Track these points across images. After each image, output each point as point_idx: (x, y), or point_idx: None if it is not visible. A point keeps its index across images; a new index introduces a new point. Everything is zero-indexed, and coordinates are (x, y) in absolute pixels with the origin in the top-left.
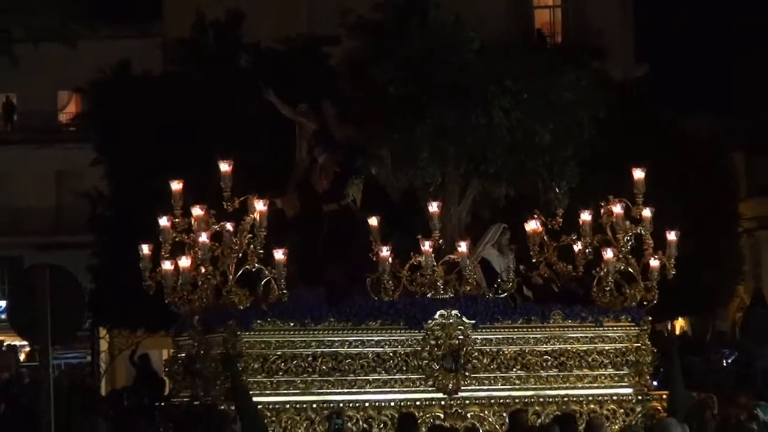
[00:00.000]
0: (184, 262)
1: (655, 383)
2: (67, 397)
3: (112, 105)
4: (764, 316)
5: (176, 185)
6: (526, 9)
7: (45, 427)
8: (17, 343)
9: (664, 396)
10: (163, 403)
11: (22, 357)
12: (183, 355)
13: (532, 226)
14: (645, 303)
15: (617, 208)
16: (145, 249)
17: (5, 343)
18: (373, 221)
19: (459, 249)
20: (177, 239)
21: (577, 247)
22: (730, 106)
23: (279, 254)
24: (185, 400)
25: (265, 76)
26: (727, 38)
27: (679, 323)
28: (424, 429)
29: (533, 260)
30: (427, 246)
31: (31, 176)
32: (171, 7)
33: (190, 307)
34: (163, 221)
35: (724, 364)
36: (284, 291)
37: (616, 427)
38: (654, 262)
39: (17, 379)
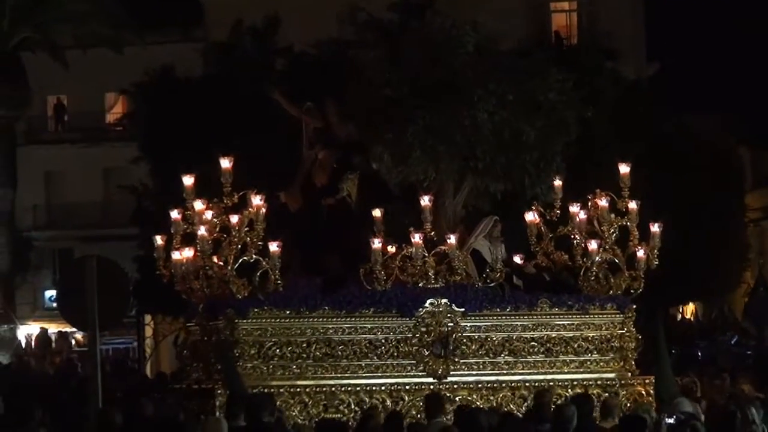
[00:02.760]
0: (187, 252)
1: None
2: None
3: (155, 106)
4: (765, 299)
5: (188, 180)
6: (544, 13)
7: (93, 407)
8: (68, 330)
9: (647, 381)
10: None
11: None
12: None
13: (530, 217)
14: (632, 291)
15: (602, 201)
16: (159, 240)
17: (57, 330)
18: (376, 212)
19: (448, 241)
20: (188, 231)
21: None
22: (734, 103)
23: (274, 246)
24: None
25: (299, 78)
26: (733, 38)
27: (690, 308)
28: (413, 412)
29: (531, 249)
30: (417, 238)
31: (80, 173)
32: (212, 14)
33: (196, 296)
34: (174, 214)
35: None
36: (278, 281)
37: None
38: (640, 253)
39: (68, 364)
